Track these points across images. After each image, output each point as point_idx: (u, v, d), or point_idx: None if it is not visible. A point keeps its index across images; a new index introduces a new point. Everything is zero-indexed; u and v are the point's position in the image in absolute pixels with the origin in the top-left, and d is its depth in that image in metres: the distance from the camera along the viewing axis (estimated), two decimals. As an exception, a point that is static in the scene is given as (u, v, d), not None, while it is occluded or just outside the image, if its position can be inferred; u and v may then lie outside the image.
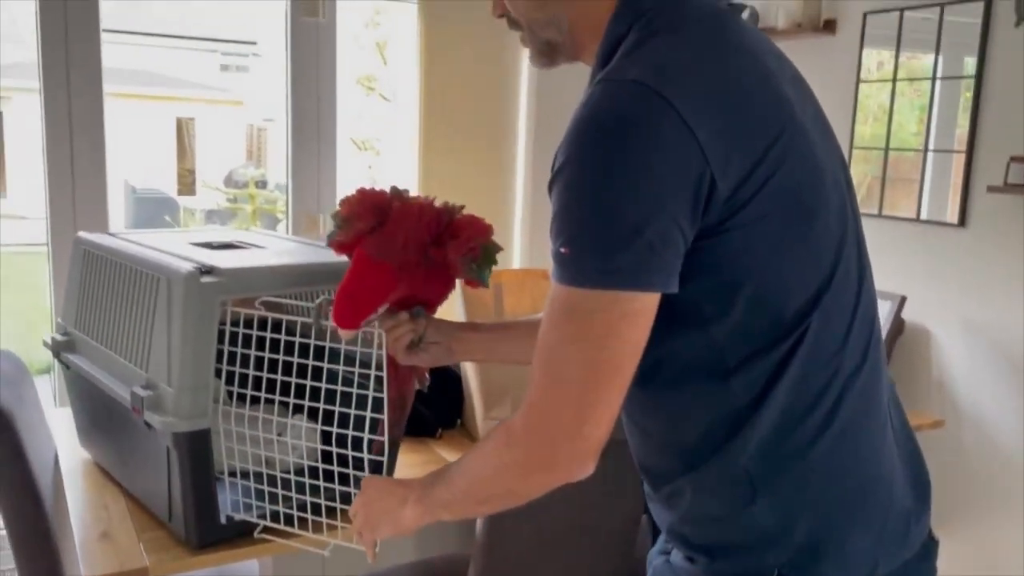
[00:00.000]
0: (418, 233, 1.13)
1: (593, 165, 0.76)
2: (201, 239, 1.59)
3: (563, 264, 0.78)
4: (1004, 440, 2.29)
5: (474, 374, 1.76)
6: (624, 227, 0.75)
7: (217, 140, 10.49)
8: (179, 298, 1.26)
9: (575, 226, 0.78)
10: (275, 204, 8.50)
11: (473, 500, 0.94)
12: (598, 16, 0.87)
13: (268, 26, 9.69)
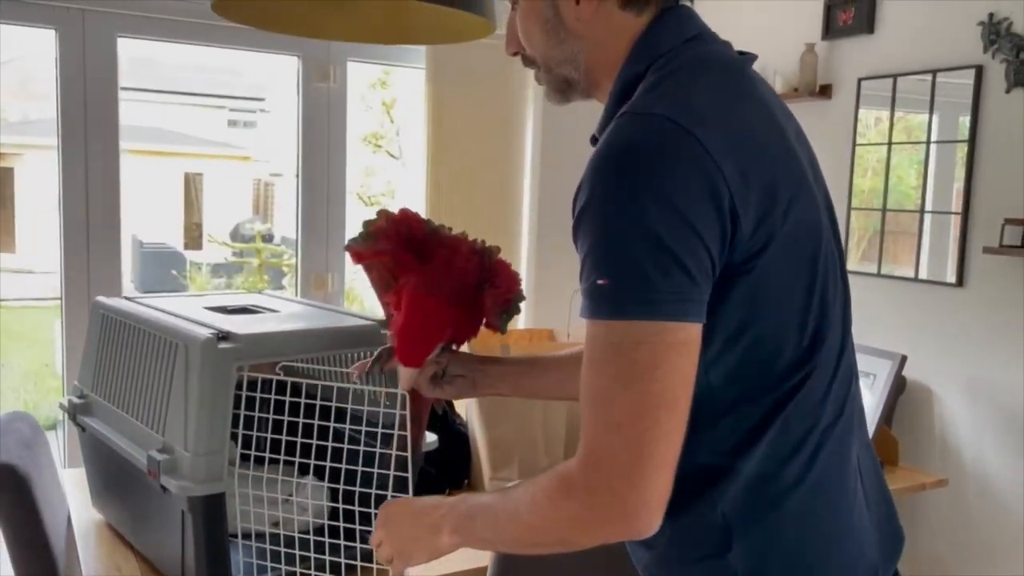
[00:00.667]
0: (465, 274, 1.14)
1: (627, 194, 0.75)
2: (216, 303, 1.63)
3: (602, 297, 0.76)
4: (1007, 499, 2.30)
5: (481, 434, 1.78)
6: (664, 256, 0.75)
7: (224, 194, 10.63)
8: (196, 364, 1.29)
9: (614, 256, 0.76)
10: (281, 258, 8.58)
11: (519, 545, 0.89)
12: (615, 55, 0.91)
13: (276, 83, 9.89)
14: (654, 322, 0.75)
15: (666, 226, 0.75)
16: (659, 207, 0.75)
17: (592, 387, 0.78)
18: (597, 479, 0.78)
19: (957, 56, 2.34)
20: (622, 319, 0.76)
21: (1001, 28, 2.25)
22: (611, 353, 0.77)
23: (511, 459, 1.75)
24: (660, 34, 0.89)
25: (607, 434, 0.77)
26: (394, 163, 6.45)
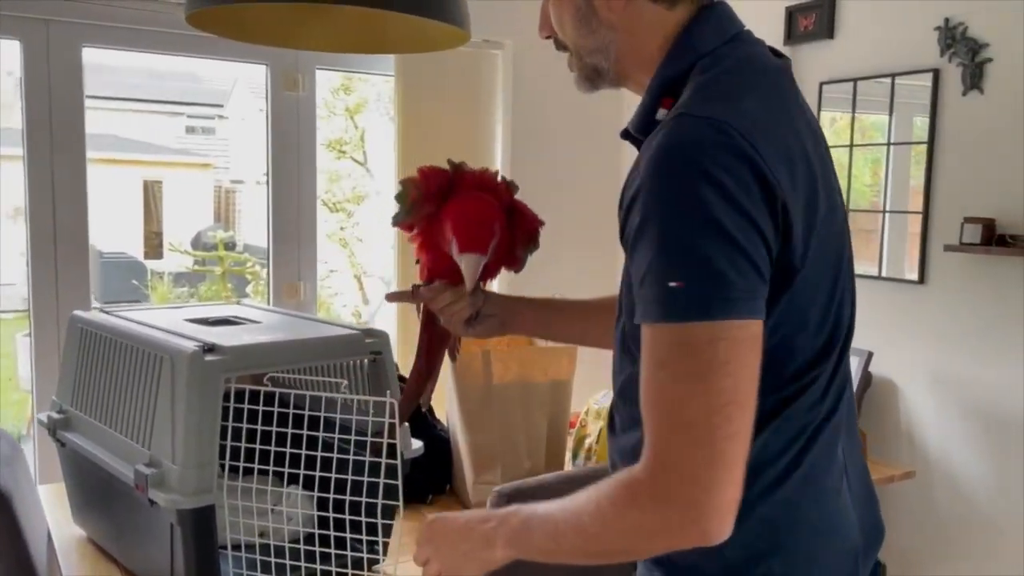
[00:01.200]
0: (496, 188, 1.20)
1: (693, 194, 0.76)
2: (195, 315, 1.62)
3: (676, 300, 0.76)
4: (973, 489, 2.37)
5: (463, 439, 1.80)
6: (736, 253, 0.76)
7: (184, 202, 10.49)
8: (183, 377, 1.30)
9: (685, 257, 0.76)
10: (244, 266, 8.49)
11: (582, 555, 0.86)
12: (648, 50, 0.92)
13: (236, 89, 9.77)
14: (728, 320, 0.76)
15: (735, 224, 0.76)
16: (726, 204, 0.76)
17: (659, 389, 0.78)
18: (667, 484, 0.77)
19: (915, 60, 2.41)
20: (700, 320, 0.76)
21: (957, 32, 2.32)
22: (681, 353, 0.76)
23: (494, 463, 1.76)
24: (702, 33, 0.90)
25: (677, 435, 0.76)
26: (359, 169, 6.43)
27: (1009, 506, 2.29)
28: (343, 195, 6.47)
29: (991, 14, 2.27)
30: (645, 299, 0.79)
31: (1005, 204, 2.25)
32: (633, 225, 0.81)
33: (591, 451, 1.88)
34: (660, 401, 0.78)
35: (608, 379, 1.02)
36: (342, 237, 6.42)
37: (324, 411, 1.32)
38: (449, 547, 0.95)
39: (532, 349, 1.82)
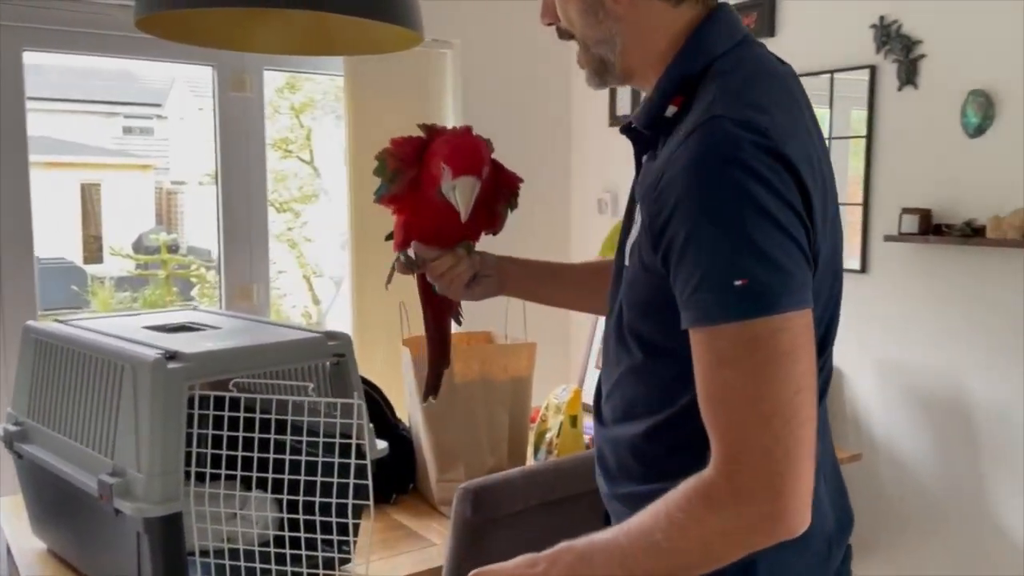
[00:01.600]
0: (476, 141, 1.20)
1: (743, 193, 0.77)
2: (152, 323, 1.61)
3: (741, 297, 0.77)
4: (916, 470, 2.47)
5: (426, 438, 1.82)
6: (791, 245, 0.78)
7: (124, 205, 10.25)
8: (146, 385, 1.29)
9: (748, 255, 0.77)
10: (189, 269, 8.34)
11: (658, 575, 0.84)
12: (653, 45, 0.92)
13: (174, 88, 9.58)
14: (789, 312, 0.77)
15: (786, 219, 0.78)
16: (776, 199, 0.78)
17: (726, 387, 0.78)
18: (747, 481, 0.77)
19: (852, 57, 2.49)
20: (766, 315, 0.77)
21: (891, 30, 2.41)
22: (748, 349, 0.77)
23: (457, 461, 1.78)
24: (714, 35, 0.91)
25: (754, 431, 0.77)
26: (306, 168, 6.37)
27: (951, 485, 2.39)
28: (290, 195, 6.41)
29: (923, 12, 2.35)
30: (703, 302, 0.79)
31: (940, 195, 2.35)
32: (677, 233, 0.81)
33: (552, 445, 1.91)
34: (729, 399, 0.78)
35: (568, 374, 1.04)
36: (290, 238, 6.36)
37: (291, 414, 1.32)
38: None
39: (493, 347, 1.84)
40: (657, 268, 0.86)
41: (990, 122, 2.23)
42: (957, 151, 2.30)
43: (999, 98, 2.22)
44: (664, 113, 0.90)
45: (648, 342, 0.93)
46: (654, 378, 0.93)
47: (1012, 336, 2.23)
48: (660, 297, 0.87)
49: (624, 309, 0.96)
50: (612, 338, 1.00)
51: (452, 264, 1.20)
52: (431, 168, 1.17)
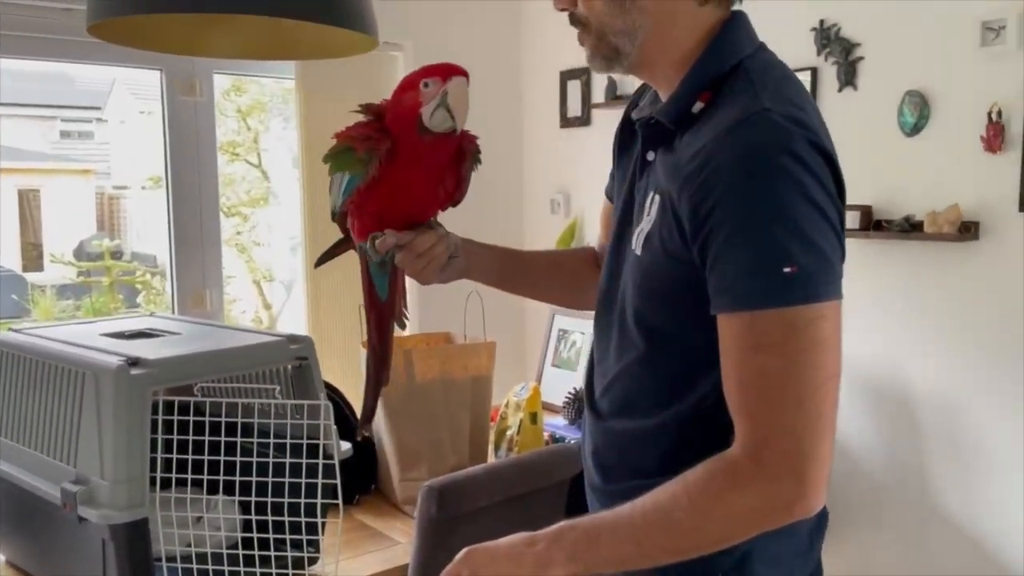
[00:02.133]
0: None
1: (795, 184, 0.81)
2: (110, 330, 1.60)
3: (790, 284, 0.80)
4: (863, 459, 2.56)
5: (388, 438, 1.83)
6: (834, 238, 0.83)
7: (65, 211, 10.00)
8: (109, 392, 1.29)
9: (794, 244, 0.80)
10: (134, 275, 8.18)
11: (671, 552, 0.86)
12: (676, 41, 0.94)
13: (114, 90, 9.37)
14: (830, 301, 0.82)
15: (832, 212, 0.83)
16: (824, 194, 0.83)
17: (763, 371, 0.81)
18: (774, 461, 0.80)
19: (795, 59, 2.57)
20: (809, 303, 0.80)
21: (831, 33, 2.49)
22: (786, 334, 0.80)
23: (419, 460, 1.80)
24: (740, 37, 0.94)
25: (785, 413, 0.80)
26: (253, 171, 6.30)
27: (896, 474, 2.49)
28: (238, 199, 6.33)
29: (862, 16, 2.44)
30: (749, 286, 0.81)
31: (880, 192, 2.44)
32: (725, 220, 0.83)
33: (513, 442, 1.94)
34: (764, 382, 0.81)
35: (526, 372, 1.06)
36: (239, 242, 6.29)
37: (257, 418, 1.33)
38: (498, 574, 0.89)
39: (453, 347, 1.87)
40: (685, 255, 0.88)
41: (925, 121, 2.33)
42: (895, 150, 2.39)
43: (933, 98, 2.32)
44: (691, 109, 0.92)
45: (659, 332, 0.95)
46: (661, 370, 0.96)
47: (950, 327, 2.33)
48: (681, 285, 0.89)
49: (631, 299, 0.97)
50: (611, 331, 1.02)
51: (433, 242, 1.13)
52: (405, 109, 1.10)
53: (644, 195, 0.99)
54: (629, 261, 1.00)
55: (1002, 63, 2.18)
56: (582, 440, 1.14)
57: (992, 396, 2.27)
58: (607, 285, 1.06)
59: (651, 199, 0.96)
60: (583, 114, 3.18)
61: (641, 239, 0.96)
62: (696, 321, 0.89)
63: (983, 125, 2.20)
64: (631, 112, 1.08)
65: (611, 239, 1.07)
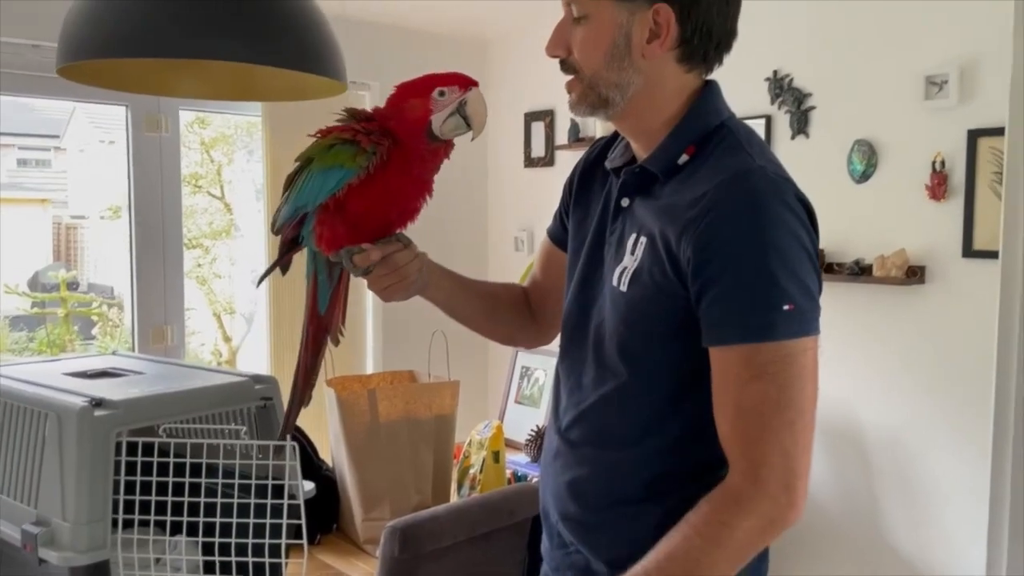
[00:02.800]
0: None
1: (789, 231, 0.92)
2: (72, 369, 1.60)
3: (789, 321, 0.90)
4: (815, 493, 2.61)
5: (351, 478, 1.84)
6: (817, 279, 0.94)
7: (19, 240, 9.82)
8: (72, 434, 1.29)
9: (793, 284, 0.91)
10: (90, 306, 8.05)
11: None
12: (663, 98, 1.02)
13: (73, 119, 9.29)
14: (815, 335, 0.92)
15: (814, 257, 0.95)
16: (810, 239, 0.94)
17: (760, 398, 0.90)
18: (769, 480, 0.90)
19: (750, 107, 2.66)
20: (805, 336, 0.91)
21: (784, 83, 2.59)
22: (783, 364, 0.90)
23: (382, 500, 1.81)
24: (718, 101, 1.05)
25: (778, 434, 0.90)
26: (215, 203, 6.27)
27: (847, 507, 2.54)
28: (199, 231, 6.30)
29: (812, 67, 2.55)
30: (750, 322, 0.91)
31: (831, 236, 2.52)
32: (728, 262, 0.92)
33: (476, 481, 1.96)
34: (760, 408, 0.90)
35: (487, 410, 1.08)
36: (199, 275, 6.24)
37: (222, 458, 1.34)
38: None
39: (417, 386, 1.88)
40: (679, 291, 0.96)
41: (873, 169, 2.42)
42: (845, 195, 2.48)
43: (881, 148, 2.41)
44: (678, 161, 1.01)
45: (644, 361, 1.01)
46: (644, 398, 1.02)
47: (897, 365, 2.41)
48: (671, 317, 0.98)
49: (613, 331, 1.03)
50: (584, 363, 1.07)
51: (410, 260, 1.13)
52: (413, 115, 1.11)
53: (622, 237, 1.05)
54: (608, 297, 1.05)
55: (945, 116, 2.28)
56: (544, 474, 1.17)
57: (938, 433, 2.35)
58: (577, 320, 1.11)
59: (634, 240, 1.02)
60: (547, 154, 3.25)
61: (627, 277, 1.02)
62: (682, 349, 0.97)
63: (928, 174, 2.30)
64: (604, 162, 1.14)
65: (574, 278, 1.13)
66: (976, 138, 2.21)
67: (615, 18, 0.99)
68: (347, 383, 1.91)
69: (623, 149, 1.11)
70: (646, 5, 0.98)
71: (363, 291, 3.21)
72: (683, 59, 1.01)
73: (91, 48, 1.46)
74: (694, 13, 0.99)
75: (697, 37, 1.00)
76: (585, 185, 1.18)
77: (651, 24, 0.99)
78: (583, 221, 1.15)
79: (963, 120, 2.25)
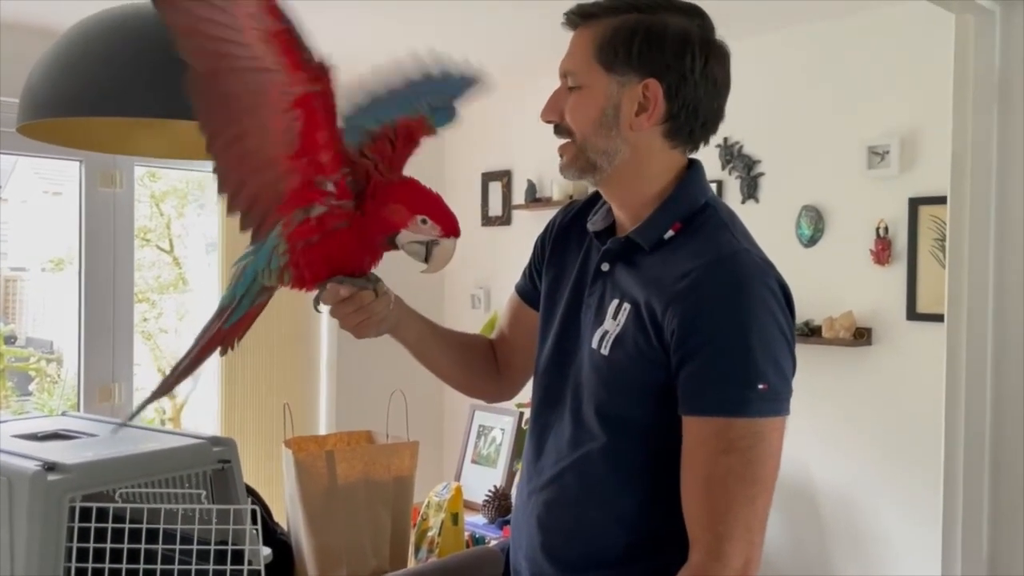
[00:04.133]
0: None
1: (771, 316, 0.96)
2: (21, 430, 1.55)
3: (763, 400, 0.94)
4: (769, 551, 2.63)
5: (307, 542, 1.81)
6: (792, 362, 0.98)
7: (-45, 292, 9.51)
8: (23, 499, 1.25)
9: (770, 365, 0.95)
10: (27, 361, 7.81)
11: None
12: (648, 171, 1.06)
13: (17, 170, 9.12)
14: (784, 416, 0.97)
15: (791, 336, 0.99)
16: (788, 324, 0.98)
17: (728, 471, 0.94)
18: (731, 552, 0.94)
19: (702, 171, 2.74)
20: (776, 416, 0.96)
21: (734, 150, 2.68)
22: (753, 440, 0.94)
23: (339, 564, 1.78)
24: (703, 181, 1.10)
25: (742, 509, 0.94)
26: (164, 257, 6.18)
27: (800, 563, 2.57)
28: (147, 285, 6.19)
29: (761, 135, 2.64)
30: (726, 397, 0.95)
31: (781, 297, 2.59)
32: (712, 337, 0.96)
33: (434, 544, 1.94)
34: (727, 481, 0.94)
35: (443, 471, 1.08)
36: (144, 329, 6.11)
37: (180, 523, 1.31)
38: None
39: (375, 447, 1.87)
40: (661, 359, 1.00)
41: (820, 234, 2.51)
42: (794, 259, 2.56)
43: (827, 213, 2.50)
44: (664, 235, 1.05)
45: (624, 423, 1.04)
46: (623, 458, 1.04)
47: (846, 424, 2.47)
48: (652, 382, 1.01)
49: (592, 393, 1.06)
50: (561, 423, 1.09)
51: (372, 300, 1.12)
52: (388, 216, 1.09)
53: (603, 300, 1.08)
54: (589, 359, 1.07)
55: (887, 184, 2.38)
56: (515, 533, 1.17)
57: (888, 491, 2.39)
58: (553, 380, 1.12)
59: (616, 306, 1.06)
60: (504, 213, 3.29)
61: (609, 341, 1.05)
62: (661, 413, 1.01)
63: (872, 239, 2.39)
64: (580, 223, 1.17)
65: (550, 337, 1.15)
66: (917, 206, 2.31)
67: (606, 89, 1.04)
68: (303, 444, 1.88)
69: (604, 213, 1.14)
70: (636, 80, 1.02)
71: (317, 350, 3.18)
72: (669, 135, 1.05)
73: (53, 106, 1.46)
74: (681, 91, 1.02)
75: (684, 114, 1.04)
76: (561, 244, 1.21)
77: (640, 98, 1.02)
78: (558, 279, 1.17)
79: (904, 188, 2.35)
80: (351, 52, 2.83)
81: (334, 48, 1.03)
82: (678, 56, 1.02)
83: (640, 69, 1.02)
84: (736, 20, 2.47)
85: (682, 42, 1.02)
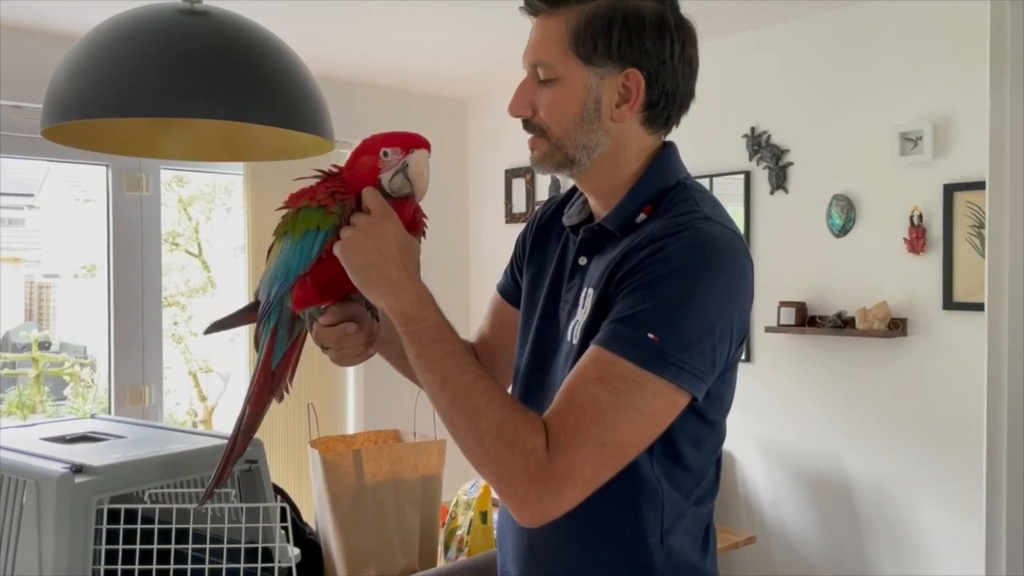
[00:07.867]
0: None
1: (705, 280, 0.91)
2: (51, 433, 1.56)
3: (645, 348, 0.88)
4: (805, 549, 2.59)
5: (336, 541, 1.80)
6: (708, 339, 0.91)
7: (-10, 300, 9.67)
8: (51, 501, 1.25)
9: (673, 323, 0.89)
10: (62, 366, 7.92)
11: (439, 400, 0.96)
12: (625, 159, 1.03)
13: (48, 177, 9.24)
14: (678, 386, 0.89)
15: (719, 317, 0.92)
16: (723, 300, 0.92)
17: (592, 400, 0.89)
18: (556, 472, 0.88)
19: (730, 163, 2.71)
20: (659, 377, 0.88)
21: (762, 140, 2.64)
22: (628, 388, 0.88)
23: (368, 563, 1.77)
24: (676, 161, 1.07)
25: (587, 445, 0.88)
26: (193, 261, 6.23)
27: (836, 560, 2.52)
28: (176, 289, 6.24)
29: (789, 124, 2.60)
30: (622, 333, 0.90)
31: (812, 289, 2.55)
32: (642, 275, 0.92)
33: (463, 542, 1.92)
34: (586, 410, 0.89)
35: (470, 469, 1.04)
36: (175, 333, 6.16)
37: (210, 523, 1.30)
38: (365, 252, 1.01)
39: (402, 446, 1.85)
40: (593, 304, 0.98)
41: (852, 223, 2.46)
42: (826, 249, 2.51)
43: (859, 202, 2.45)
44: (636, 220, 1.02)
45: None
46: None
47: (881, 416, 2.41)
48: None
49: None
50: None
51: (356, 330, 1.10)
52: (364, 172, 1.08)
53: (577, 293, 1.05)
54: (562, 351, 1.04)
55: (920, 171, 2.33)
56: (502, 538, 1.15)
57: (927, 487, 2.34)
58: (534, 377, 1.10)
59: (585, 294, 1.02)
60: (528, 210, 3.27)
61: (578, 330, 1.01)
62: None
63: (906, 228, 2.33)
64: (559, 219, 1.14)
65: (530, 335, 1.12)
66: (952, 192, 2.25)
67: (585, 82, 1.00)
68: (331, 443, 1.88)
69: (580, 206, 1.11)
70: (616, 70, 0.99)
71: (345, 349, 3.18)
72: (647, 122, 1.03)
73: (77, 109, 1.45)
74: (661, 77, 1.00)
75: (663, 100, 1.02)
76: (540, 241, 1.18)
77: (621, 88, 1.00)
78: (537, 277, 1.15)
79: (938, 175, 2.29)
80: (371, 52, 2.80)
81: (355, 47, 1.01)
82: (656, 43, 0.99)
83: (620, 59, 0.99)
84: (759, 7, 2.43)
85: (659, 28, 0.99)
